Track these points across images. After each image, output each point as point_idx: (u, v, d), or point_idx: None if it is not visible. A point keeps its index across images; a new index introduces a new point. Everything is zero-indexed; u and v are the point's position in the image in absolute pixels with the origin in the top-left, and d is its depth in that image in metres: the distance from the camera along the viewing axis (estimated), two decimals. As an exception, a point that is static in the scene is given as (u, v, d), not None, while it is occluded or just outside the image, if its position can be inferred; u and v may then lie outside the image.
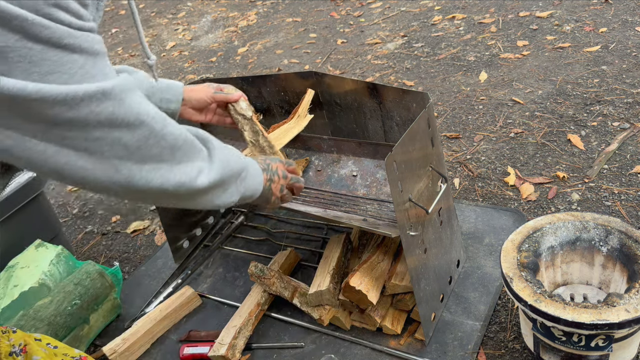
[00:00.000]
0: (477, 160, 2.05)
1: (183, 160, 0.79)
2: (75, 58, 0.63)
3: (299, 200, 1.55)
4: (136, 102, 0.71)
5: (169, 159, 0.77)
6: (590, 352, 1.11)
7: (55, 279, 1.62)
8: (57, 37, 0.60)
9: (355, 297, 1.34)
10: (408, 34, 3.35)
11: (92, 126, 0.66)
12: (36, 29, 0.58)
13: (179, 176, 0.79)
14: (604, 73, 2.37)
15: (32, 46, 0.58)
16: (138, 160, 0.72)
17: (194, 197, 0.84)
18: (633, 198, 1.69)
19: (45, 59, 0.60)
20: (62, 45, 0.61)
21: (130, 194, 0.75)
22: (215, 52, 4.03)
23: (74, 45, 0.63)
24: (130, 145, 0.70)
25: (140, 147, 0.72)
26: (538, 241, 1.26)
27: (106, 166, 0.69)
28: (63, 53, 0.61)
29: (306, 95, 1.55)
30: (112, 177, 0.71)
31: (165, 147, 0.75)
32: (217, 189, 0.89)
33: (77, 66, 0.63)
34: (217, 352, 1.42)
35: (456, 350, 1.33)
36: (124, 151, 0.70)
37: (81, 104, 0.63)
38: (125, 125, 0.69)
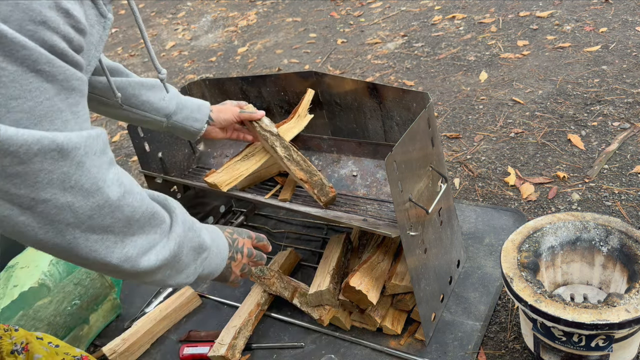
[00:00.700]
0: (477, 160, 2.05)
1: (136, 233, 0.72)
2: (45, 87, 0.58)
3: (299, 200, 1.55)
4: (97, 166, 0.65)
5: (121, 231, 0.70)
6: (591, 352, 1.11)
7: (55, 279, 1.61)
8: (33, 59, 0.56)
9: (355, 297, 1.34)
10: (408, 34, 3.35)
11: (42, 186, 0.60)
12: (14, 48, 0.54)
13: (126, 250, 0.71)
14: (604, 73, 2.37)
15: (6, 66, 0.54)
16: (86, 229, 0.66)
17: (141, 276, 0.76)
18: (633, 198, 1.69)
19: (15, 81, 0.55)
20: (36, 70, 0.56)
21: (70, 259, 0.69)
22: (215, 52, 4.03)
23: (49, 73, 0.58)
24: (81, 213, 0.64)
25: (92, 217, 0.65)
26: (538, 241, 1.26)
27: (49, 228, 0.63)
28: (34, 78, 0.57)
29: (306, 95, 1.55)
30: (53, 239, 0.64)
31: (119, 219, 0.69)
32: (169, 269, 0.80)
33: (44, 96, 0.58)
34: (217, 352, 1.42)
35: (456, 351, 1.33)
36: (72, 217, 0.64)
37: (34, 159, 0.57)
38: (78, 190, 0.63)
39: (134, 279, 0.77)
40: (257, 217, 2.04)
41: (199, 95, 1.83)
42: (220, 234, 0.99)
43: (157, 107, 1.30)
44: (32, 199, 0.60)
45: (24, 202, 0.60)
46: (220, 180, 1.47)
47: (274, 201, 1.54)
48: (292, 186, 1.57)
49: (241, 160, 1.53)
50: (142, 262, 0.73)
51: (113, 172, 0.68)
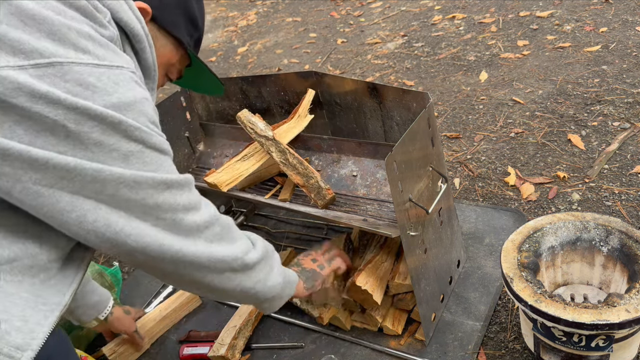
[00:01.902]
0: (477, 160, 2.05)
1: (237, 239, 0.95)
2: (167, 159, 0.82)
3: (299, 200, 1.55)
4: (197, 192, 0.88)
5: (228, 237, 0.92)
6: (591, 352, 1.11)
7: (55, 279, 1.61)
8: (159, 143, 0.79)
9: (360, 297, 1.34)
10: (408, 34, 3.35)
11: (179, 209, 0.82)
12: (147, 137, 0.76)
13: (241, 248, 0.94)
14: (604, 73, 2.36)
15: (145, 150, 0.77)
16: (208, 237, 0.87)
17: (252, 271, 0.97)
18: (633, 198, 1.69)
19: (152, 158, 0.78)
20: (161, 150, 0.80)
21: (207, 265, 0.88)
22: (215, 52, 4.03)
23: (166, 150, 0.82)
24: (201, 225, 0.86)
25: (208, 226, 0.87)
26: (538, 241, 1.26)
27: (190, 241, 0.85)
28: (161, 155, 0.80)
29: (306, 95, 1.55)
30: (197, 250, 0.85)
31: (223, 226, 0.91)
32: (266, 265, 1.02)
33: (168, 164, 0.82)
34: (216, 353, 1.42)
35: (456, 351, 1.33)
36: (197, 230, 0.86)
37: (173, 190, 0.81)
38: (195, 210, 0.85)
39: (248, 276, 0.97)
40: (257, 217, 2.04)
41: (199, 95, 1.83)
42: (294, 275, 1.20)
43: None
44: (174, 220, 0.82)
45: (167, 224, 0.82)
46: (220, 180, 1.47)
47: (274, 201, 1.54)
48: (292, 186, 1.57)
49: (241, 160, 1.53)
50: (251, 255, 0.96)
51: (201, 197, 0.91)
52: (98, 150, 0.71)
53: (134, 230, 0.77)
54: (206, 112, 1.88)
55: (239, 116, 1.52)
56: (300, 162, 1.46)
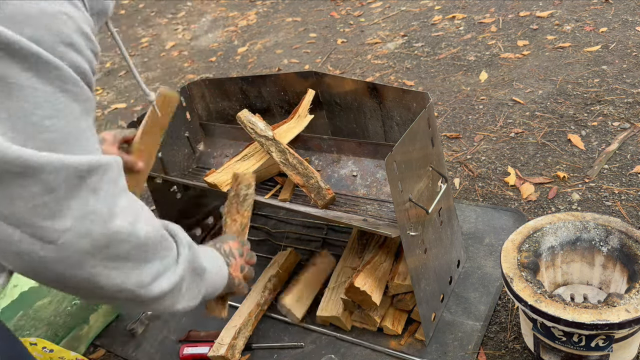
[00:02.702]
0: (477, 160, 2.05)
1: (150, 259, 0.73)
2: (73, 107, 0.61)
3: (299, 200, 1.55)
4: (111, 194, 0.66)
5: (136, 258, 0.70)
6: (591, 352, 1.11)
7: (55, 279, 1.61)
8: (63, 80, 0.59)
9: (359, 297, 1.34)
10: (408, 34, 3.35)
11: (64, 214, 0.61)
12: (47, 68, 0.57)
13: (142, 277, 0.72)
14: (604, 73, 2.36)
15: (40, 87, 0.57)
16: (104, 257, 0.66)
17: (151, 302, 0.76)
18: (633, 198, 1.69)
19: (48, 101, 0.58)
20: (65, 90, 0.59)
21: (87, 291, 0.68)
22: (215, 52, 4.03)
23: (75, 94, 0.61)
24: (99, 240, 0.64)
25: (109, 245, 0.66)
26: (538, 241, 1.26)
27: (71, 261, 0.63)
28: (64, 98, 0.60)
29: (307, 95, 1.55)
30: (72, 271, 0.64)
31: (135, 246, 0.69)
32: (177, 294, 0.81)
33: (72, 116, 0.61)
34: (216, 352, 1.42)
35: (456, 351, 1.33)
36: (90, 246, 0.64)
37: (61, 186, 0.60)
38: (95, 217, 0.63)
39: (142, 306, 0.76)
40: (257, 217, 2.04)
41: (199, 95, 1.83)
42: (213, 252, 1.01)
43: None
44: (55, 230, 0.60)
45: (46, 236, 0.60)
46: (220, 180, 1.47)
47: (274, 201, 1.54)
48: (292, 186, 1.57)
49: (241, 160, 1.53)
50: (154, 288, 0.74)
51: (125, 198, 0.69)
52: None
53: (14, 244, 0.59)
54: (206, 112, 1.88)
55: (239, 116, 1.52)
56: (300, 162, 1.46)
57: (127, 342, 1.63)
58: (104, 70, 4.30)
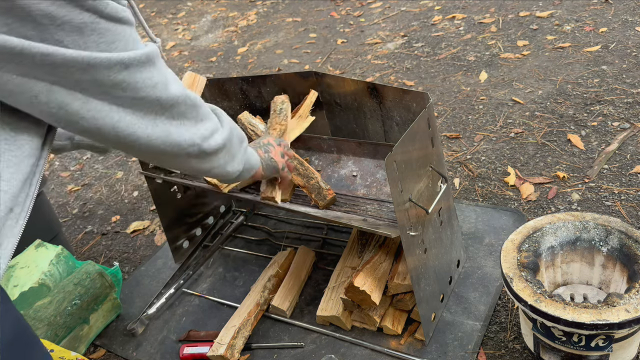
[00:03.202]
0: (477, 160, 2.05)
1: (203, 118, 0.89)
2: (125, 29, 0.74)
3: (299, 200, 1.55)
4: (163, 67, 0.82)
5: (193, 117, 0.86)
6: (590, 352, 1.11)
7: (55, 279, 1.61)
8: (115, 12, 0.72)
9: (358, 297, 1.34)
10: (408, 34, 3.35)
11: (139, 87, 0.76)
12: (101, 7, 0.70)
13: (202, 131, 0.88)
14: (604, 73, 2.37)
15: (99, 21, 0.70)
16: (170, 116, 0.83)
17: (211, 157, 0.92)
18: (633, 198, 1.69)
19: (109, 30, 0.71)
20: (118, 19, 0.73)
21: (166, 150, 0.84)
22: (215, 52, 4.03)
23: (124, 19, 0.74)
24: (165, 103, 0.81)
25: (173, 105, 0.82)
26: (538, 241, 1.26)
27: (148, 121, 0.80)
28: (118, 25, 0.73)
29: (309, 96, 1.55)
30: (152, 131, 0.81)
31: (189, 106, 0.85)
32: (228, 153, 0.97)
33: (127, 35, 0.75)
34: (216, 352, 1.42)
35: (456, 351, 1.33)
36: (160, 109, 0.81)
37: (131, 66, 0.74)
38: (158, 86, 0.79)
39: (206, 162, 0.92)
40: (257, 217, 2.04)
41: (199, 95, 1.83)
42: None
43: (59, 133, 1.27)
44: (134, 98, 0.76)
45: (127, 103, 0.76)
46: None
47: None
48: (292, 186, 1.57)
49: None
50: (213, 141, 0.90)
51: (169, 71, 0.84)
52: (48, 23, 0.66)
53: (89, 112, 0.74)
54: (206, 112, 1.88)
55: (239, 118, 1.52)
56: (300, 162, 1.46)
57: (127, 342, 1.63)
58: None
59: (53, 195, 2.64)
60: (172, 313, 1.70)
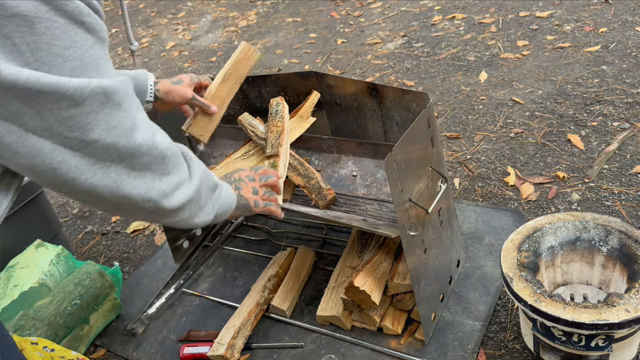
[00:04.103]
0: (477, 160, 2.05)
1: (170, 171, 0.79)
2: (87, 37, 0.64)
3: (299, 200, 1.55)
4: (131, 107, 0.71)
5: (157, 169, 0.76)
6: (590, 352, 1.11)
7: (55, 279, 1.62)
8: (78, 12, 0.62)
9: (358, 297, 1.34)
10: (408, 34, 3.35)
11: (91, 127, 0.66)
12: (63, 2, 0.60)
13: (164, 187, 0.78)
14: (604, 73, 2.37)
15: (57, 19, 0.60)
16: (128, 166, 0.72)
17: (172, 213, 0.82)
18: (633, 198, 1.69)
19: (65, 32, 0.61)
20: (80, 22, 0.63)
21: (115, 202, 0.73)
22: (215, 52, 4.03)
23: (89, 25, 0.64)
24: (124, 151, 0.70)
25: (133, 154, 0.71)
26: (538, 241, 1.26)
27: (97, 168, 0.69)
28: (79, 29, 0.63)
29: (311, 96, 1.55)
30: (101, 180, 0.70)
31: (155, 157, 0.75)
32: (195, 206, 0.87)
33: (88, 45, 0.64)
34: (215, 352, 1.42)
35: (456, 350, 1.33)
36: (116, 156, 0.70)
37: (85, 102, 0.64)
38: (120, 130, 0.69)
39: (166, 217, 0.82)
40: (257, 217, 2.04)
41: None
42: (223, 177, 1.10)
43: None
44: (83, 141, 0.66)
45: (74, 144, 0.66)
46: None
47: (274, 201, 1.54)
48: (292, 186, 1.57)
49: (241, 159, 1.53)
50: (174, 198, 0.80)
51: (142, 114, 0.74)
52: None
53: (24, 148, 0.63)
54: (206, 112, 1.88)
55: (239, 120, 1.52)
56: (301, 163, 1.46)
57: (127, 342, 1.63)
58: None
59: (53, 195, 2.64)
60: (172, 313, 1.70)
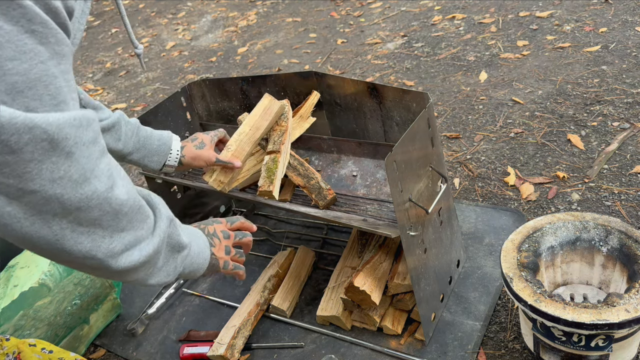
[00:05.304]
0: (477, 160, 2.05)
1: (125, 229, 0.70)
2: (39, 49, 0.55)
3: (299, 200, 1.55)
4: (86, 156, 0.62)
5: (109, 225, 0.68)
6: (590, 352, 1.11)
7: (55, 279, 1.61)
8: (28, 18, 0.53)
9: (358, 297, 1.34)
10: (408, 34, 3.35)
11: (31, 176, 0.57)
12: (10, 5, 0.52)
13: (113, 245, 0.69)
14: (604, 73, 2.37)
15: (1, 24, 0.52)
16: (73, 220, 0.63)
17: (122, 273, 0.73)
18: (633, 198, 1.69)
19: (10, 41, 0.52)
20: (31, 30, 0.54)
21: (54, 254, 0.66)
22: (215, 52, 4.03)
23: (42, 35, 0.55)
24: (69, 204, 0.62)
25: (80, 208, 0.63)
26: (538, 241, 1.26)
27: (36, 219, 0.61)
28: (29, 39, 0.54)
29: (311, 97, 1.55)
30: (39, 231, 0.62)
31: (107, 212, 0.66)
32: (151, 267, 0.78)
33: (38, 59, 0.55)
34: (215, 352, 1.42)
35: (456, 350, 1.33)
36: (60, 208, 0.61)
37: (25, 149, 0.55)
38: (67, 181, 0.60)
39: (114, 276, 0.73)
40: (257, 217, 2.04)
41: (199, 95, 1.83)
42: (197, 232, 0.98)
43: (111, 149, 1.22)
44: (20, 189, 0.58)
45: (11, 192, 0.57)
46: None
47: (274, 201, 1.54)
48: (292, 186, 1.57)
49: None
50: (124, 258, 0.71)
51: (104, 162, 0.66)
52: None
53: None
54: (206, 112, 1.88)
55: (240, 120, 1.52)
56: (301, 163, 1.46)
57: (127, 342, 1.63)
58: (104, 70, 4.30)
59: (53, 195, 2.64)
60: (172, 313, 1.70)
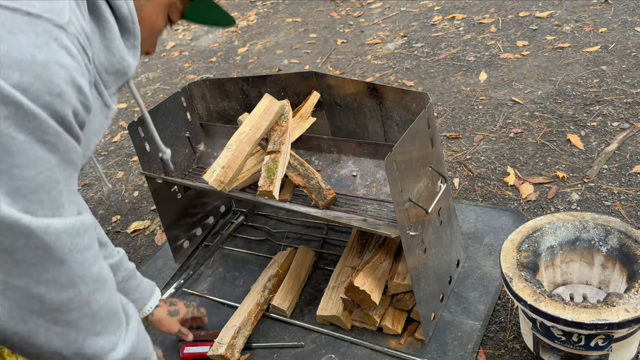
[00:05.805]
0: (476, 160, 2.06)
1: (100, 332, 0.71)
2: (48, 157, 0.59)
3: (299, 200, 1.55)
4: (79, 262, 0.64)
5: (84, 328, 0.68)
6: (590, 351, 1.11)
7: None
8: (42, 130, 0.57)
9: (358, 297, 1.34)
10: (408, 34, 3.35)
11: (19, 274, 0.59)
12: (27, 118, 0.55)
13: (86, 348, 0.69)
14: (603, 73, 2.37)
15: (16, 135, 0.55)
16: (50, 319, 0.64)
17: None
18: (632, 198, 1.69)
19: (22, 150, 0.56)
20: (43, 140, 0.57)
21: (20, 346, 0.66)
22: (215, 52, 4.04)
23: (53, 144, 0.59)
24: (49, 304, 0.63)
25: (59, 309, 0.64)
26: (538, 241, 1.26)
27: (14, 314, 0.61)
28: (40, 148, 0.58)
29: (311, 97, 1.55)
30: (14, 326, 0.62)
31: (85, 315, 0.67)
32: None
33: (46, 166, 0.58)
34: (216, 352, 1.42)
35: (456, 350, 1.34)
36: (39, 307, 0.62)
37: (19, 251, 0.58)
38: (53, 284, 0.62)
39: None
40: (257, 217, 2.04)
41: (200, 95, 1.83)
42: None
43: None
44: (5, 283, 0.59)
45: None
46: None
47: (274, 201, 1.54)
48: (292, 186, 1.57)
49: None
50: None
51: (96, 267, 0.68)
52: None
53: None
54: (207, 113, 1.88)
55: (240, 120, 1.52)
56: (301, 163, 1.46)
57: (127, 341, 1.63)
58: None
59: (53, 195, 2.64)
60: (173, 313, 1.70)
